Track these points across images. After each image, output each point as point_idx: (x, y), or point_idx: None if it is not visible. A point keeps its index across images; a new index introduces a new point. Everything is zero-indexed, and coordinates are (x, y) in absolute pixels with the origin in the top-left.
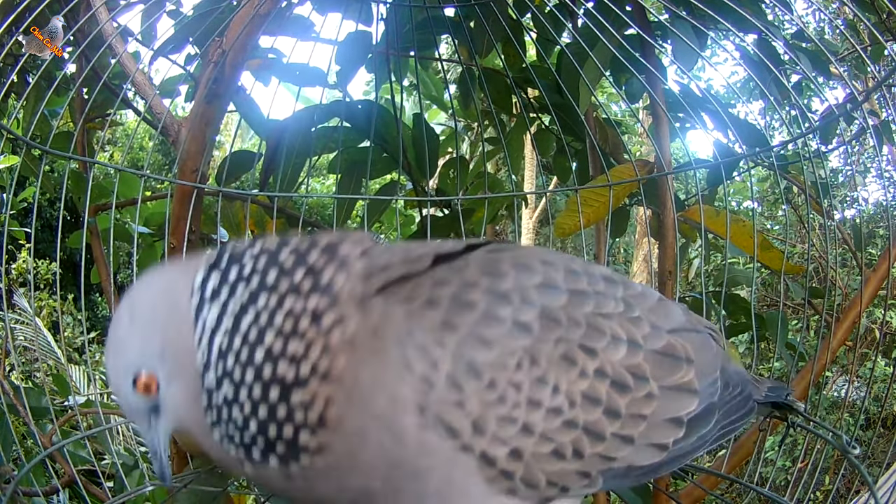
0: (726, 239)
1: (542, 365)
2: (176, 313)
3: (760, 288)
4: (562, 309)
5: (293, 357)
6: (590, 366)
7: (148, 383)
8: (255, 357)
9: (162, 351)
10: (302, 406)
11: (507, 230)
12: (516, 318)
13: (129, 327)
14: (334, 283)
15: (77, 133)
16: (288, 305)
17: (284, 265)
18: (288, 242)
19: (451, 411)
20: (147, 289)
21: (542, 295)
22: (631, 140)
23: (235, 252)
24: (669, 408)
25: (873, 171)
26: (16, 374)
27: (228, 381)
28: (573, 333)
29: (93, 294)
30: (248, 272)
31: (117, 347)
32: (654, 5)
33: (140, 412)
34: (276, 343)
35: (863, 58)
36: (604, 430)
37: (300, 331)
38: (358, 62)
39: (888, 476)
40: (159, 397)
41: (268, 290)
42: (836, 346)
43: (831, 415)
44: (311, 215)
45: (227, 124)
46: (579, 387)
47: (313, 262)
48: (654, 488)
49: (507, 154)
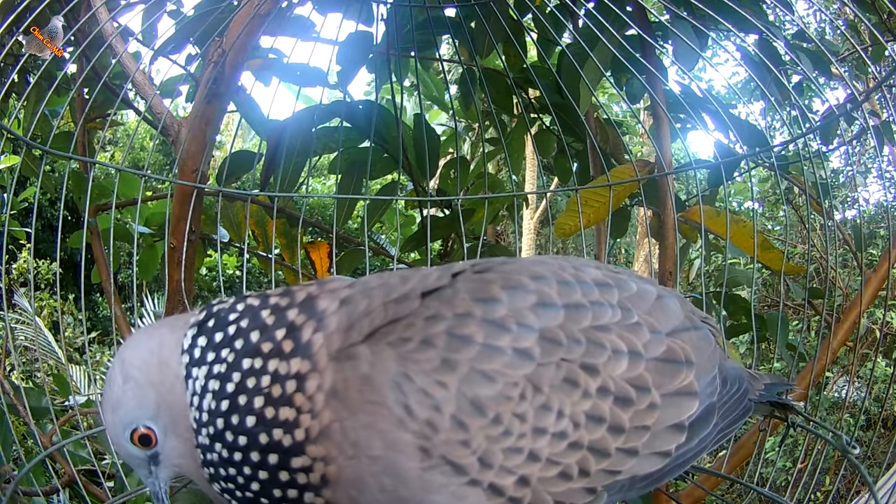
0: (727, 239)
1: (544, 391)
2: (167, 371)
3: (761, 288)
4: (560, 328)
5: (285, 423)
6: (592, 385)
7: (146, 436)
8: (245, 423)
9: (157, 407)
10: (303, 470)
11: (507, 230)
12: (516, 346)
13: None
14: (312, 343)
15: (77, 133)
16: (272, 368)
17: (266, 323)
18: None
19: (457, 451)
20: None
21: (538, 316)
22: (631, 140)
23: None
24: (671, 414)
25: (874, 171)
26: (16, 374)
27: (221, 443)
28: (574, 353)
29: (93, 294)
30: (231, 334)
31: (114, 405)
32: (655, 6)
33: (140, 462)
34: (266, 410)
35: (863, 58)
36: (608, 447)
37: (287, 395)
38: (359, 62)
39: (888, 476)
40: (158, 449)
41: (252, 355)
42: (836, 347)
43: (832, 415)
44: (311, 215)
45: (228, 124)
46: (583, 408)
47: (292, 319)
48: (655, 489)
49: (507, 154)
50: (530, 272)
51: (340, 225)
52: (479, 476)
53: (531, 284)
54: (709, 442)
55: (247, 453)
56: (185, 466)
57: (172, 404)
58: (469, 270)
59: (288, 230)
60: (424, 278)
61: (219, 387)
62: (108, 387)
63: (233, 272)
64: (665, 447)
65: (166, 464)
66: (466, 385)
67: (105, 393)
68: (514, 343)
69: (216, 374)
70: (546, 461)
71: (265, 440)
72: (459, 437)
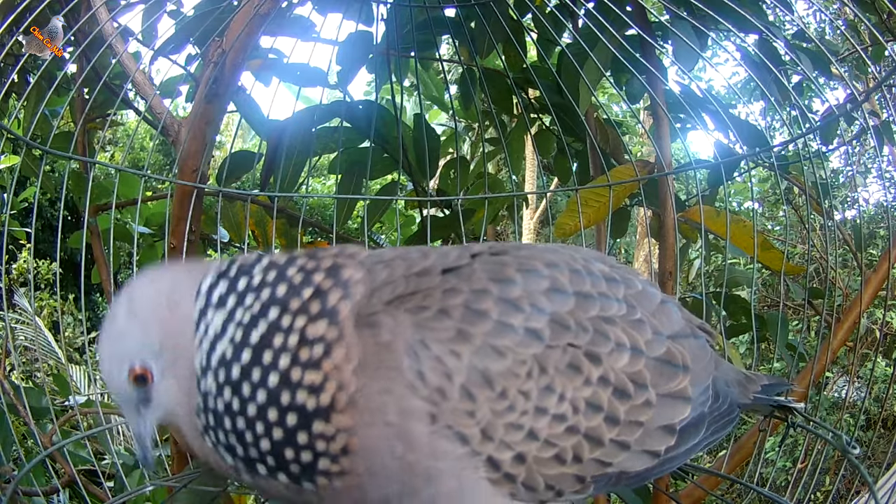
0: (727, 239)
1: (549, 373)
2: (177, 311)
3: (761, 288)
4: (570, 314)
5: (311, 387)
6: (594, 373)
7: (142, 374)
8: (268, 380)
9: (160, 345)
10: (323, 437)
11: (507, 230)
12: (528, 326)
13: (128, 319)
14: (339, 310)
15: (77, 133)
16: (299, 325)
17: (293, 281)
18: (295, 259)
19: (462, 420)
20: (148, 284)
21: (551, 300)
22: (631, 140)
23: (245, 263)
24: (664, 415)
25: (874, 171)
26: (16, 373)
27: (231, 391)
28: (580, 339)
29: (93, 294)
30: (257, 283)
31: (114, 337)
32: (655, 6)
33: (130, 401)
34: (292, 370)
35: (863, 58)
36: (603, 436)
37: (314, 360)
38: (359, 62)
39: (888, 476)
40: (151, 389)
41: (279, 306)
42: (836, 347)
43: (832, 415)
44: (311, 215)
45: (228, 124)
46: (583, 394)
47: (319, 282)
48: (655, 488)
49: (507, 154)
50: (544, 259)
51: (340, 225)
52: (479, 447)
53: (545, 270)
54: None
55: (264, 409)
56: (175, 411)
57: (176, 345)
58: (486, 252)
59: (288, 230)
60: (444, 256)
61: (240, 335)
62: (110, 318)
63: None
64: (655, 447)
65: (158, 406)
66: (478, 357)
67: (106, 326)
68: (525, 322)
69: (237, 321)
70: (544, 441)
71: (287, 400)
72: (466, 406)
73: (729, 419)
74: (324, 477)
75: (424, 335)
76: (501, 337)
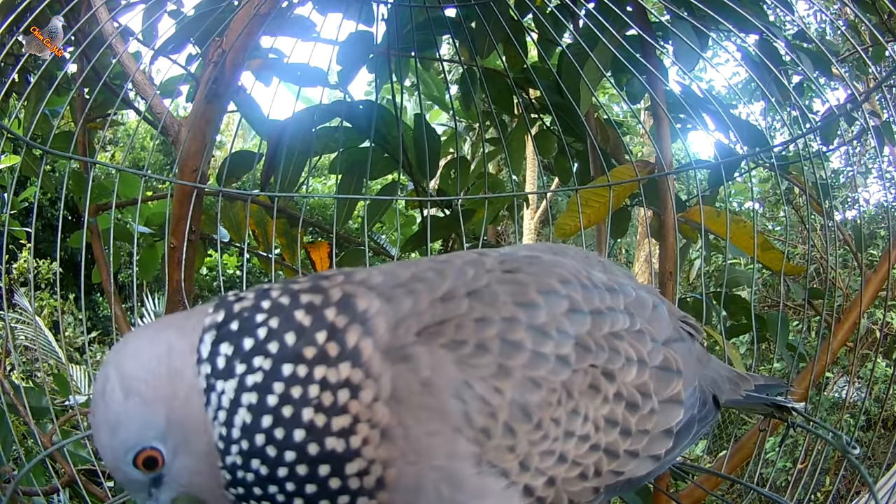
0: (727, 240)
1: (575, 396)
2: (180, 383)
3: (761, 289)
4: (588, 335)
5: (341, 432)
6: (610, 391)
7: (152, 458)
8: (293, 437)
9: (167, 423)
10: (357, 475)
11: (508, 231)
12: (558, 353)
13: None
14: (361, 350)
15: (78, 133)
16: (319, 376)
17: (302, 325)
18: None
19: (504, 456)
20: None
21: (573, 323)
22: (632, 141)
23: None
24: (664, 420)
25: (874, 171)
26: (16, 373)
27: (260, 461)
28: (599, 359)
29: (93, 294)
30: (263, 336)
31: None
32: (655, 6)
33: (140, 486)
34: (317, 419)
35: (864, 58)
36: (619, 449)
37: (340, 405)
38: (359, 62)
39: (888, 477)
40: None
41: (292, 360)
42: (836, 347)
43: (832, 415)
44: (311, 215)
45: (228, 124)
46: (602, 412)
47: (332, 320)
48: (655, 488)
49: (507, 154)
50: (558, 276)
51: (341, 225)
52: (517, 478)
53: (562, 289)
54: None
55: (293, 468)
56: (196, 486)
57: (185, 420)
58: (499, 269)
59: (288, 230)
60: (462, 274)
61: (256, 400)
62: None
63: (233, 272)
64: (657, 451)
65: (171, 485)
66: (518, 392)
67: (98, 409)
68: (556, 350)
69: (251, 387)
70: (571, 462)
71: (315, 451)
72: (508, 442)
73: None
74: None
75: (468, 374)
76: (537, 368)
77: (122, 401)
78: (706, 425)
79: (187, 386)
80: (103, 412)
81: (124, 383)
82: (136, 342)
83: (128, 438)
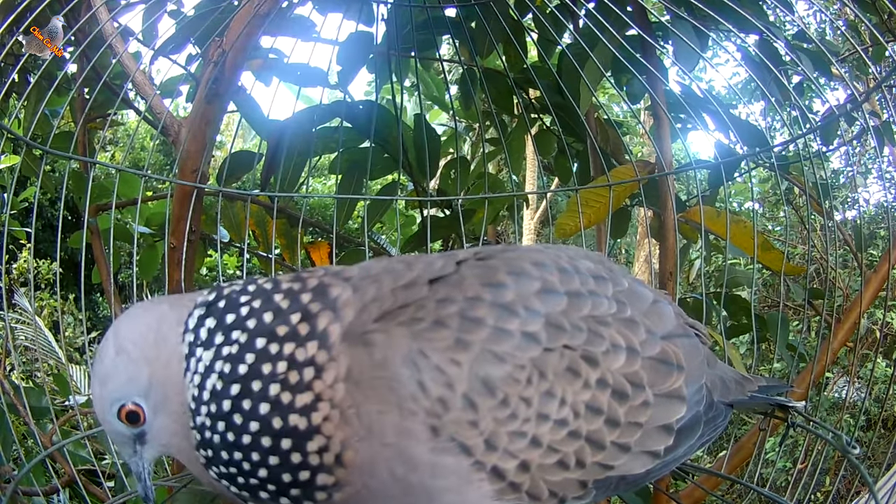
0: (727, 240)
1: (549, 378)
2: (165, 347)
3: (761, 289)
4: (563, 314)
5: (303, 409)
6: (592, 376)
7: (134, 413)
8: (259, 409)
9: (149, 383)
10: (317, 452)
11: (508, 231)
12: (525, 330)
13: (115, 358)
14: (329, 333)
15: (78, 133)
16: (287, 352)
17: (280, 306)
18: (280, 284)
19: (465, 431)
20: (133, 321)
21: (543, 302)
22: (632, 141)
23: (232, 293)
24: (661, 415)
25: (874, 171)
26: (16, 373)
27: (226, 425)
28: (576, 340)
29: (93, 294)
30: (244, 313)
31: (103, 378)
32: (655, 6)
33: (125, 440)
34: (282, 396)
35: (864, 58)
36: (604, 440)
37: (305, 382)
38: (359, 62)
39: (888, 477)
40: (145, 427)
41: (266, 336)
42: (836, 347)
43: (832, 416)
44: (311, 215)
45: (228, 124)
46: (583, 398)
47: (307, 303)
48: (655, 489)
49: (507, 154)
50: (531, 259)
51: (341, 225)
52: (483, 458)
53: (534, 271)
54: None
55: (257, 438)
56: (174, 446)
57: (166, 381)
58: (472, 258)
59: (288, 230)
60: (430, 265)
61: (229, 368)
62: (99, 358)
63: (233, 272)
64: (655, 447)
65: (153, 443)
66: (478, 364)
67: (95, 364)
68: (522, 327)
69: (226, 356)
70: (546, 448)
71: (279, 425)
72: (469, 416)
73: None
74: (323, 492)
75: (422, 345)
76: (500, 343)
77: (113, 357)
78: (715, 430)
79: (170, 351)
80: (98, 367)
81: (117, 342)
82: (134, 311)
83: (114, 391)
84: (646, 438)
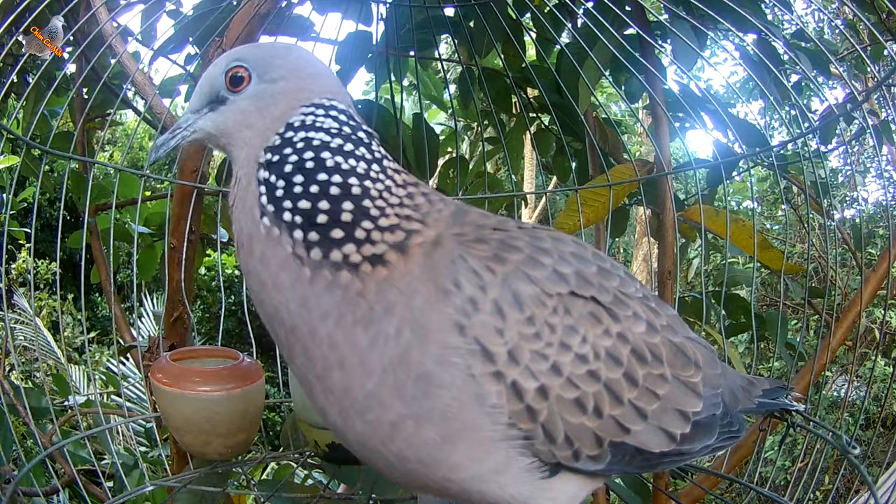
0: (726, 239)
1: (573, 315)
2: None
3: (760, 288)
4: (594, 275)
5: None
6: (613, 328)
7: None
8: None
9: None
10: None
11: None
12: (556, 268)
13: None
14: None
15: (77, 133)
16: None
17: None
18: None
19: (491, 336)
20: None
21: (576, 260)
22: (630, 140)
23: None
24: (679, 399)
25: (873, 170)
26: (16, 374)
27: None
28: (602, 296)
29: (93, 294)
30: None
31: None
32: (654, 5)
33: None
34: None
35: (863, 58)
36: (622, 394)
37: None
38: (358, 62)
39: (888, 476)
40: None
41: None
42: (835, 346)
43: (831, 414)
44: None
45: None
46: (604, 343)
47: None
48: (654, 488)
49: (506, 154)
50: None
51: None
52: (505, 369)
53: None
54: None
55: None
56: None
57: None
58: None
59: None
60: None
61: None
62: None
63: (232, 272)
64: (671, 428)
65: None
66: (511, 278)
67: None
68: (554, 265)
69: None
70: (566, 380)
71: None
72: (496, 323)
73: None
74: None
75: (464, 251)
76: (532, 268)
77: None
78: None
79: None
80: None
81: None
82: None
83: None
84: (662, 414)
